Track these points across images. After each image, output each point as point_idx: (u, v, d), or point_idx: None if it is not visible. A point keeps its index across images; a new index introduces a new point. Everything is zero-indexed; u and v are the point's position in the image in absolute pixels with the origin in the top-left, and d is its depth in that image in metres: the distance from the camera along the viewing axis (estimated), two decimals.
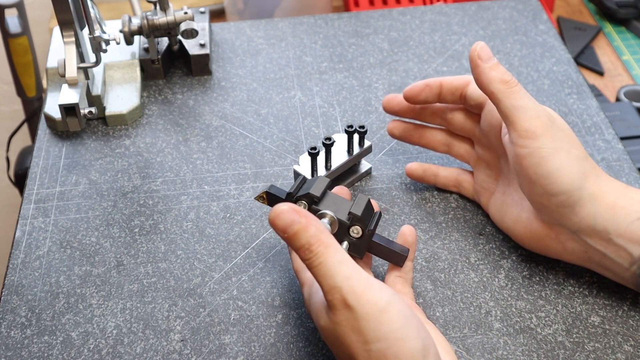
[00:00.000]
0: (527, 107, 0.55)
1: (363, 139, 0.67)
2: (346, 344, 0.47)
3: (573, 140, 0.55)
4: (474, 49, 0.57)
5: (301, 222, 0.47)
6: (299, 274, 0.55)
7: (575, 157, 0.54)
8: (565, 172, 0.54)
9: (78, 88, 0.65)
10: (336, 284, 0.46)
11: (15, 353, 0.57)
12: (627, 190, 0.55)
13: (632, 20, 1.14)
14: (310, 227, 0.47)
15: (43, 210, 0.67)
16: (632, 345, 0.56)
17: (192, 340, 0.57)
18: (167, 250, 0.63)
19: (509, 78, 0.56)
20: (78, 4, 0.68)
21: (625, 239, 0.54)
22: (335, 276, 0.46)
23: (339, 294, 0.46)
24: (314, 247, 0.47)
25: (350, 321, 0.46)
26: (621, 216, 0.54)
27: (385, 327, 0.46)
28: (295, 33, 0.86)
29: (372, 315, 0.46)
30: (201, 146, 0.73)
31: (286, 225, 0.47)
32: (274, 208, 0.48)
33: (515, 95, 0.55)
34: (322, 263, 0.47)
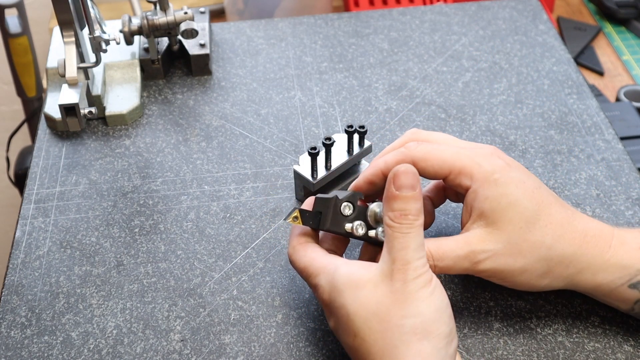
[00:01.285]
0: (457, 269, 0.53)
1: (363, 139, 0.66)
2: (379, 317, 0.48)
3: (529, 243, 0.52)
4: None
5: (417, 190, 0.50)
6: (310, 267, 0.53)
7: (532, 269, 0.52)
8: (524, 283, 0.54)
9: (78, 88, 0.65)
10: (411, 257, 0.48)
11: (15, 353, 0.57)
12: (607, 256, 0.53)
13: (632, 20, 1.14)
14: (420, 200, 0.50)
15: (43, 210, 0.67)
16: (632, 345, 0.56)
17: (192, 340, 0.57)
18: (167, 250, 0.63)
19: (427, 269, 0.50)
20: (78, 4, 0.68)
21: (611, 299, 0.55)
22: (412, 253, 0.49)
23: (406, 266, 0.48)
24: (412, 218, 0.49)
25: (397, 294, 0.48)
26: (604, 285, 0.54)
27: (424, 306, 0.48)
28: (295, 33, 0.86)
29: (420, 294, 0.48)
30: (201, 146, 0.73)
31: (407, 185, 0.49)
32: (402, 164, 0.50)
33: (445, 270, 0.53)
34: (409, 235, 0.49)
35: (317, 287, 0.52)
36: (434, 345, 0.47)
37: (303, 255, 0.54)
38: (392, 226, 0.49)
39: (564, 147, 0.71)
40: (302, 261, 0.54)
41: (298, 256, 0.54)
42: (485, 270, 0.53)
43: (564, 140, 0.72)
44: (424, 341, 0.47)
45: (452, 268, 0.53)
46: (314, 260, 0.53)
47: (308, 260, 0.53)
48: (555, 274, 0.53)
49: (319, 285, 0.52)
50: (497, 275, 0.54)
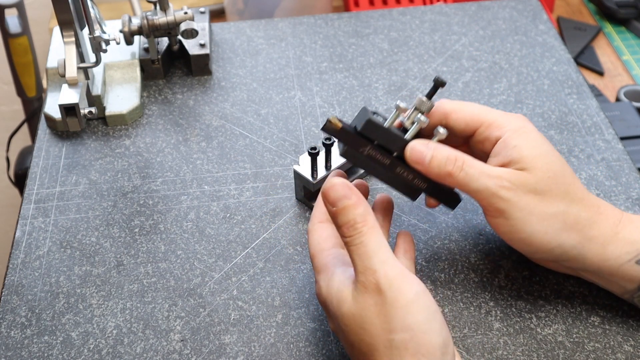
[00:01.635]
0: (480, 190, 0.53)
1: None
2: (368, 331, 0.47)
3: (550, 195, 0.53)
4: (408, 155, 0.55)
5: (352, 198, 0.48)
6: (315, 258, 0.53)
7: (551, 216, 0.53)
8: (538, 236, 0.53)
9: (78, 88, 0.65)
10: (372, 265, 0.47)
11: (15, 353, 0.57)
12: (618, 229, 0.54)
13: (632, 20, 1.14)
14: (359, 206, 0.48)
15: (43, 210, 0.67)
16: (632, 345, 0.56)
17: (192, 340, 0.57)
18: (167, 250, 0.63)
19: (450, 167, 0.54)
20: (78, 4, 0.68)
21: (618, 277, 0.55)
22: (372, 258, 0.47)
23: (372, 276, 0.47)
24: (359, 226, 0.48)
25: (377, 307, 0.47)
26: (612, 259, 0.54)
27: (411, 318, 0.46)
28: (295, 33, 0.86)
29: (401, 303, 0.46)
30: (201, 146, 0.73)
31: (337, 198, 0.48)
32: (328, 179, 0.49)
33: (465, 182, 0.54)
34: (362, 243, 0.47)
35: (316, 282, 0.53)
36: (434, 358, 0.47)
37: (316, 242, 0.54)
38: (346, 242, 0.49)
39: (564, 147, 0.71)
40: (312, 247, 0.54)
41: (312, 238, 0.54)
42: (506, 200, 0.52)
43: (564, 140, 0.72)
44: (417, 356, 0.46)
45: (475, 180, 0.53)
46: (321, 253, 0.53)
47: (317, 250, 0.53)
48: (568, 236, 0.53)
49: (318, 283, 0.52)
50: (514, 216, 0.53)
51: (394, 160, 0.56)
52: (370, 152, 0.56)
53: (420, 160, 0.55)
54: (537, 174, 0.53)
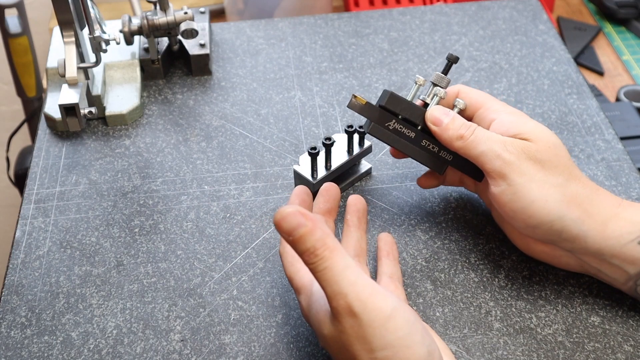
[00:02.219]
0: (486, 151, 0.56)
1: (363, 139, 0.67)
2: (351, 352, 0.47)
3: (550, 166, 0.55)
4: (428, 116, 0.59)
5: (307, 225, 0.46)
6: (293, 281, 0.54)
7: (551, 186, 0.54)
8: (540, 204, 0.54)
9: (78, 88, 0.65)
10: (341, 289, 0.46)
11: (15, 353, 0.57)
12: (618, 210, 0.55)
13: (632, 20, 1.14)
14: (316, 231, 0.46)
15: (43, 210, 0.67)
16: (632, 345, 0.56)
17: (192, 340, 0.57)
18: (167, 250, 0.63)
19: (463, 131, 0.57)
20: (78, 4, 0.68)
21: (620, 259, 0.54)
22: (340, 282, 0.46)
23: (343, 300, 0.46)
24: (319, 252, 0.46)
25: (355, 329, 0.46)
26: (613, 238, 0.54)
27: (391, 335, 0.46)
28: (295, 33, 0.86)
29: (378, 322, 0.46)
30: (201, 146, 0.73)
31: (292, 228, 0.45)
32: (279, 210, 0.46)
33: (473, 145, 0.57)
34: (327, 268, 0.46)
35: (299, 303, 0.53)
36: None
37: (289, 264, 0.54)
38: (311, 268, 0.47)
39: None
40: (287, 270, 0.54)
41: (285, 260, 0.55)
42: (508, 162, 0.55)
43: (564, 140, 0.72)
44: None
45: (483, 142, 0.56)
46: (297, 274, 0.53)
47: (292, 271, 0.54)
48: (568, 208, 0.54)
49: (300, 303, 0.53)
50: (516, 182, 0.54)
51: (419, 133, 0.60)
52: (395, 126, 0.60)
53: (438, 122, 0.58)
54: (539, 143, 0.56)
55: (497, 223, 0.63)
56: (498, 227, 0.64)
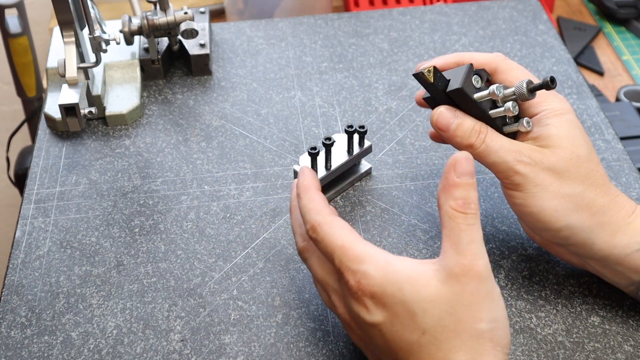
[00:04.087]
0: (498, 163, 0.55)
1: (363, 139, 0.67)
2: (455, 316, 0.46)
3: (568, 176, 0.54)
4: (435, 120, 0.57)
5: (474, 179, 0.48)
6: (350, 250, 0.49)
7: (564, 195, 0.53)
8: (548, 212, 0.54)
9: (78, 88, 0.65)
10: (479, 251, 0.46)
11: (15, 353, 0.57)
12: (630, 219, 0.54)
13: (632, 20, 1.14)
14: (476, 189, 0.48)
15: (43, 210, 0.67)
16: (632, 345, 0.56)
17: (192, 340, 0.57)
18: (167, 250, 0.63)
19: (473, 140, 0.55)
20: (78, 4, 0.68)
21: (624, 267, 0.54)
22: (479, 244, 0.47)
23: (477, 262, 0.46)
24: (474, 207, 0.47)
25: (473, 294, 0.46)
26: (619, 247, 0.54)
27: (499, 311, 0.47)
28: (295, 33, 0.86)
29: (495, 295, 0.47)
30: (201, 146, 0.73)
31: (465, 172, 0.47)
32: (462, 152, 0.48)
33: (484, 155, 0.55)
34: (475, 226, 0.47)
35: (361, 274, 0.48)
36: (505, 354, 0.47)
37: (342, 234, 0.50)
38: (456, 217, 0.47)
39: None
40: (340, 239, 0.49)
41: (332, 231, 0.50)
42: (522, 174, 0.53)
43: None
44: (497, 348, 0.46)
45: (495, 152, 0.54)
46: (356, 243, 0.49)
47: (349, 241, 0.49)
48: (578, 218, 0.53)
49: (367, 273, 0.48)
50: (529, 190, 0.54)
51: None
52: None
53: (446, 128, 0.56)
54: (559, 153, 0.54)
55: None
56: (498, 227, 0.64)
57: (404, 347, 0.47)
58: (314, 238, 0.51)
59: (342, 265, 0.49)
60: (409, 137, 0.73)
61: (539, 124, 0.56)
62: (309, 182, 0.54)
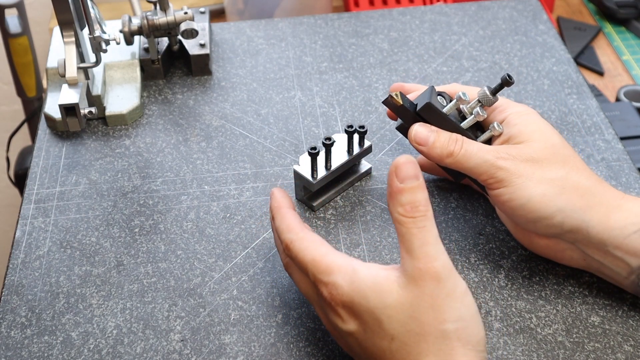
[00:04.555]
0: (479, 164, 0.56)
1: (363, 139, 0.67)
2: (418, 320, 0.47)
3: (548, 163, 0.55)
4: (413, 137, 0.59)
5: (420, 180, 0.48)
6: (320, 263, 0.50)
7: (549, 180, 0.54)
8: (537, 199, 0.54)
9: (78, 88, 0.65)
10: (433, 253, 0.47)
11: (15, 353, 0.57)
12: (621, 202, 0.55)
13: (632, 20, 1.14)
14: (425, 190, 0.48)
15: (43, 210, 0.67)
16: (632, 345, 0.56)
17: (192, 340, 0.57)
18: (167, 250, 0.63)
19: (452, 147, 0.57)
20: (78, 4, 0.68)
21: (623, 251, 0.54)
22: (434, 245, 0.47)
23: (432, 264, 0.47)
24: (423, 209, 0.48)
25: (433, 295, 0.47)
26: (616, 229, 0.54)
27: (465, 309, 0.47)
28: (295, 33, 0.86)
29: (457, 294, 0.47)
30: (201, 146, 0.73)
31: (408, 176, 0.48)
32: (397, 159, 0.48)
33: (464, 159, 0.56)
34: (426, 227, 0.47)
35: (331, 285, 0.49)
36: (478, 351, 0.47)
37: (312, 248, 0.51)
38: (405, 222, 0.47)
39: None
40: (310, 254, 0.51)
41: (304, 246, 0.51)
42: (504, 168, 0.54)
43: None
44: (467, 346, 0.47)
45: (475, 154, 0.55)
46: (326, 256, 0.50)
47: (319, 254, 0.51)
48: (568, 199, 0.54)
49: (336, 284, 0.49)
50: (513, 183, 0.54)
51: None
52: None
53: (424, 142, 0.58)
54: (534, 145, 0.56)
55: (501, 220, 0.63)
56: (498, 227, 0.64)
57: (378, 353, 0.49)
58: (289, 255, 0.53)
59: (315, 278, 0.51)
60: None
61: (507, 126, 0.58)
62: (279, 202, 0.56)
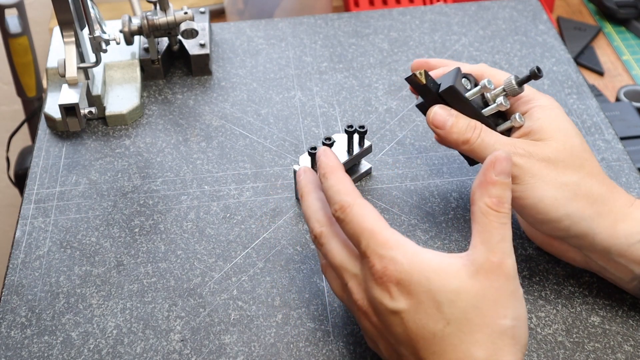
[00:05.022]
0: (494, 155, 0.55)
1: (363, 139, 0.67)
2: (480, 311, 0.46)
3: (563, 166, 0.55)
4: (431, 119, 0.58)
5: (510, 180, 0.49)
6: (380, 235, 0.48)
7: (562, 184, 0.54)
8: (547, 202, 0.54)
9: (78, 88, 0.65)
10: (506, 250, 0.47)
11: (15, 353, 0.57)
12: (630, 209, 0.54)
13: (632, 20, 1.14)
14: (511, 190, 0.48)
15: (43, 210, 0.67)
16: (632, 345, 0.56)
17: (192, 340, 0.57)
18: (167, 250, 0.63)
19: (469, 134, 0.56)
20: (78, 4, 0.68)
21: (626, 259, 0.54)
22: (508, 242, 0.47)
23: (504, 260, 0.47)
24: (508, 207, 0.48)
25: (499, 290, 0.46)
26: (622, 238, 0.54)
27: (521, 310, 0.48)
28: (295, 33, 0.86)
29: (519, 294, 0.47)
30: (201, 146, 0.73)
31: (509, 172, 0.48)
32: (502, 151, 0.49)
33: (480, 149, 0.56)
34: (507, 224, 0.47)
35: (388, 260, 0.48)
36: (522, 353, 0.47)
37: (372, 217, 0.49)
38: (489, 214, 0.47)
39: None
40: (370, 223, 0.49)
41: (364, 213, 0.49)
42: (518, 165, 0.54)
43: None
44: (517, 347, 0.46)
45: (491, 146, 0.55)
46: (386, 229, 0.49)
47: (379, 226, 0.49)
48: (577, 206, 0.54)
49: (395, 259, 0.47)
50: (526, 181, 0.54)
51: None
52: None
53: (442, 125, 0.57)
54: (553, 144, 0.55)
55: None
56: None
57: (426, 336, 0.47)
58: (341, 219, 0.50)
59: (368, 249, 0.49)
60: (409, 137, 0.73)
61: (530, 119, 0.57)
62: (334, 163, 0.53)
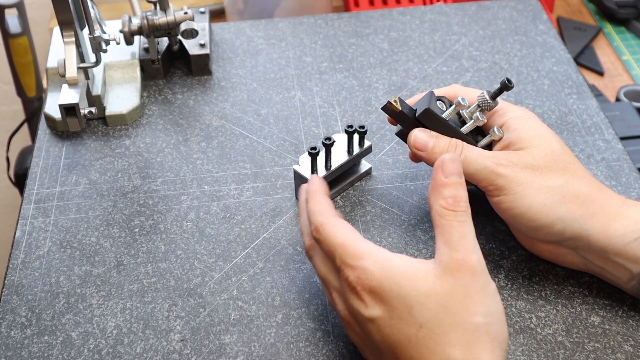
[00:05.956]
0: (479, 170, 0.56)
1: (363, 139, 0.67)
2: (450, 310, 0.47)
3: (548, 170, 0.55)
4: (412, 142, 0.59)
5: (462, 178, 0.50)
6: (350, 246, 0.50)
7: (549, 189, 0.54)
8: (537, 208, 0.54)
9: (78, 88, 0.65)
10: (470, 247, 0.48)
11: (15, 353, 0.57)
12: (622, 209, 0.55)
13: (632, 20, 1.14)
14: (465, 187, 0.50)
15: (43, 210, 0.67)
16: (632, 345, 0.56)
17: (192, 340, 0.57)
18: (167, 250, 0.63)
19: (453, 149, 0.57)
20: (78, 4, 0.68)
21: (623, 258, 0.54)
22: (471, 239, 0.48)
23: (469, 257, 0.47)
24: (464, 205, 0.49)
25: (467, 288, 0.47)
26: (617, 237, 0.54)
27: (495, 305, 0.48)
28: (295, 33, 0.86)
29: (489, 290, 0.48)
30: (201, 146, 0.73)
31: (452, 172, 0.49)
32: (448, 153, 0.51)
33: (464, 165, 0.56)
34: (466, 222, 0.48)
35: (360, 269, 0.49)
36: (502, 349, 0.47)
37: (342, 233, 0.51)
38: (446, 215, 0.49)
39: None
40: (340, 238, 0.51)
41: (334, 230, 0.51)
42: (504, 176, 0.55)
43: (564, 140, 0.72)
44: (494, 343, 0.47)
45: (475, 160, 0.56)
46: (356, 240, 0.51)
47: (349, 239, 0.51)
48: (568, 208, 0.54)
49: (366, 268, 0.49)
50: (513, 191, 0.54)
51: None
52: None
53: (424, 147, 0.58)
54: (534, 152, 0.56)
55: (501, 220, 0.63)
56: (498, 227, 0.64)
57: (402, 341, 0.48)
58: (317, 238, 0.53)
59: (342, 263, 0.51)
60: None
61: (507, 131, 0.58)
62: (316, 188, 0.56)
